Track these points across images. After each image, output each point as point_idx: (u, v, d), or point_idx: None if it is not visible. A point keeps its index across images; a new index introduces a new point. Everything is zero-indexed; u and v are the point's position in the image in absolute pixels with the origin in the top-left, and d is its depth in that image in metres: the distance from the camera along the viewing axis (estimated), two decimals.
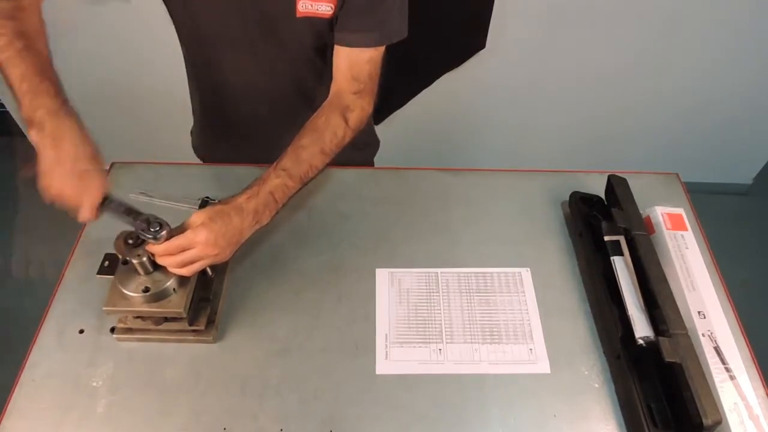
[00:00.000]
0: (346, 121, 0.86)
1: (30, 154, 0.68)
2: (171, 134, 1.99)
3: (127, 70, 1.80)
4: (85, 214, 0.70)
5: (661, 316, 0.78)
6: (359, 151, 1.18)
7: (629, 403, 0.76)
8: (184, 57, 1.02)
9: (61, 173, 0.68)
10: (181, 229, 0.73)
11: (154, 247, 0.72)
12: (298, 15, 0.85)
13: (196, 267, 0.74)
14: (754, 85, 1.84)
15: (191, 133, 1.23)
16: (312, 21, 0.86)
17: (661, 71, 1.80)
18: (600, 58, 1.76)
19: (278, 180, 0.79)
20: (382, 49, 0.88)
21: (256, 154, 1.03)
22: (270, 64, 0.95)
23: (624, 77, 1.81)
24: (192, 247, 0.72)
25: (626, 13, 1.63)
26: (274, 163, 0.80)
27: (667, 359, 0.72)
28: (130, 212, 0.73)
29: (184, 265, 0.73)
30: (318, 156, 0.83)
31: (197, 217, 0.73)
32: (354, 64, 0.87)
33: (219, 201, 0.76)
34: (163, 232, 0.71)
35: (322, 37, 0.90)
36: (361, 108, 0.89)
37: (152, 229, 0.71)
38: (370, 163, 1.27)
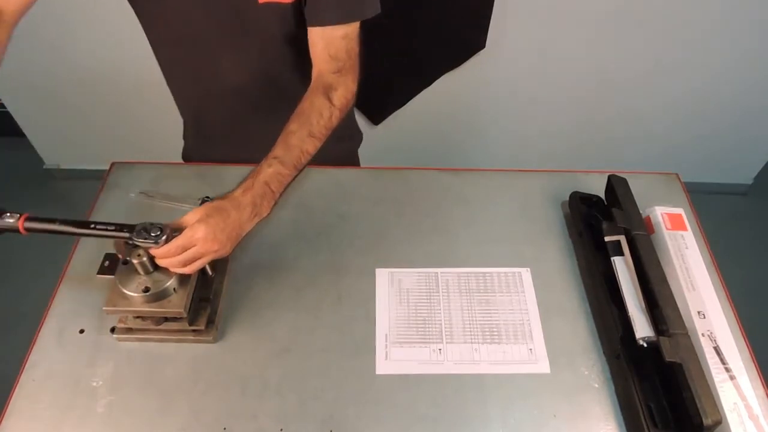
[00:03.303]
0: (330, 101, 0.86)
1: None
2: (172, 134, 1.99)
3: (128, 70, 1.80)
4: None
5: (661, 316, 0.78)
6: (341, 143, 1.17)
7: (629, 403, 0.76)
8: (157, 59, 1.01)
9: None
10: (177, 227, 0.73)
11: (155, 251, 0.72)
12: (260, 2, 0.85)
13: (197, 265, 0.74)
14: (754, 85, 1.84)
15: (184, 137, 1.22)
16: (275, 8, 0.86)
17: (661, 71, 1.80)
18: (600, 59, 1.76)
19: (271, 169, 0.79)
20: (357, 24, 0.87)
21: (238, 155, 1.03)
22: (241, 58, 0.95)
23: (624, 77, 1.82)
24: (192, 245, 0.72)
25: (627, 13, 1.63)
26: (267, 154, 0.80)
27: (668, 359, 0.72)
28: (122, 228, 0.73)
29: (186, 264, 0.73)
30: (307, 140, 0.83)
31: (194, 214, 0.73)
32: (329, 43, 0.86)
33: (216, 197, 0.76)
34: (164, 237, 0.71)
35: (289, 25, 0.89)
36: (344, 86, 0.88)
37: (153, 234, 0.71)
38: (354, 156, 1.26)
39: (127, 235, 0.72)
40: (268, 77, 0.99)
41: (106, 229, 0.73)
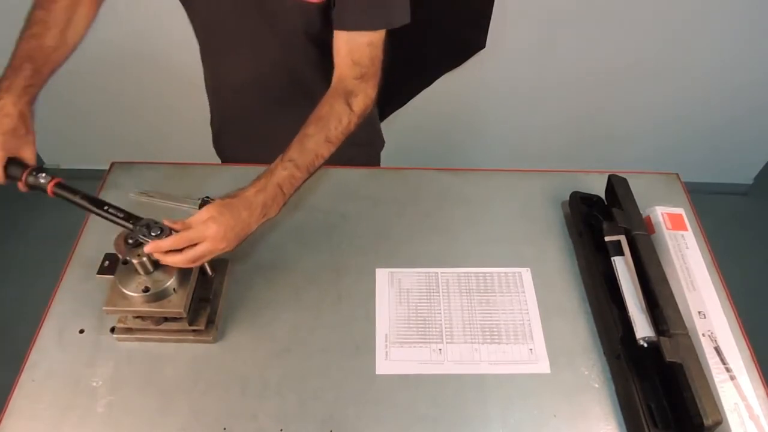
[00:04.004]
0: (350, 107, 0.85)
1: None
2: (172, 134, 2.00)
3: (128, 70, 1.80)
4: None
5: (662, 316, 0.77)
6: (362, 147, 1.17)
7: (629, 403, 0.76)
8: (195, 35, 1.02)
9: None
10: (186, 226, 0.73)
11: (161, 242, 0.71)
12: (288, 2, 0.85)
13: (201, 261, 0.74)
14: (754, 85, 1.83)
15: (211, 124, 1.23)
16: (303, 7, 0.86)
17: (661, 71, 1.80)
18: (600, 58, 1.76)
19: (286, 172, 0.79)
20: (383, 32, 0.86)
21: (256, 148, 1.03)
22: (266, 54, 0.95)
23: (624, 77, 1.81)
24: (201, 241, 0.72)
25: (626, 13, 1.63)
26: (281, 155, 0.80)
27: (668, 359, 0.72)
28: (129, 218, 0.74)
29: (193, 261, 0.73)
30: (324, 144, 0.83)
31: (205, 212, 0.73)
32: (354, 49, 0.85)
33: (226, 194, 0.76)
34: (164, 237, 0.71)
35: (314, 25, 0.89)
36: (364, 93, 0.87)
37: (153, 234, 0.71)
38: (375, 162, 1.26)
39: (130, 226, 0.73)
40: (293, 77, 0.99)
41: (116, 215, 0.75)
